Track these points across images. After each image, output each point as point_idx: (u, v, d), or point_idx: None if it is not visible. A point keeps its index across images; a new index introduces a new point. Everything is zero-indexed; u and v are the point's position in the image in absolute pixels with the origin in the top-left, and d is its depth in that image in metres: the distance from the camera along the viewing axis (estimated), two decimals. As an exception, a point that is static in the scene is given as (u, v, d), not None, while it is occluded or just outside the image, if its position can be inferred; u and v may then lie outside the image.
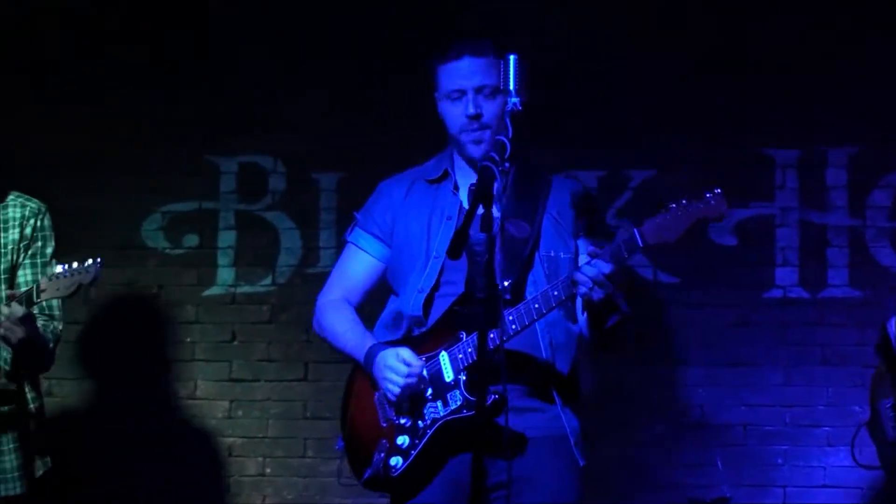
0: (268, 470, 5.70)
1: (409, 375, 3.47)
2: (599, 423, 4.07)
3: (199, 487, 5.69)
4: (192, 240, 5.84)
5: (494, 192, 3.05)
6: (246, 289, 5.81)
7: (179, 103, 5.84)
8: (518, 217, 3.58)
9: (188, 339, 5.80)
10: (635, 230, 3.31)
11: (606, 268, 3.29)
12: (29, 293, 3.79)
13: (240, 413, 5.75)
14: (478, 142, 3.52)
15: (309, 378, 5.72)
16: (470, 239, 3.05)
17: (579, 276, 3.32)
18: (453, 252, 3.04)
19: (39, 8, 5.82)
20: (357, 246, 3.80)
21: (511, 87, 3.26)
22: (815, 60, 5.50)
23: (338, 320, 3.75)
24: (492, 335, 3.30)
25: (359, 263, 3.80)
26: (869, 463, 4.88)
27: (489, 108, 3.55)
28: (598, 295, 3.32)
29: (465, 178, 3.52)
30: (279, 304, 5.76)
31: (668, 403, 5.54)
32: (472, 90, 3.55)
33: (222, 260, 5.83)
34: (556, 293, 3.39)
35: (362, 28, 5.74)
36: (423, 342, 3.54)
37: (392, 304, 3.73)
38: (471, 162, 3.54)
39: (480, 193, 3.00)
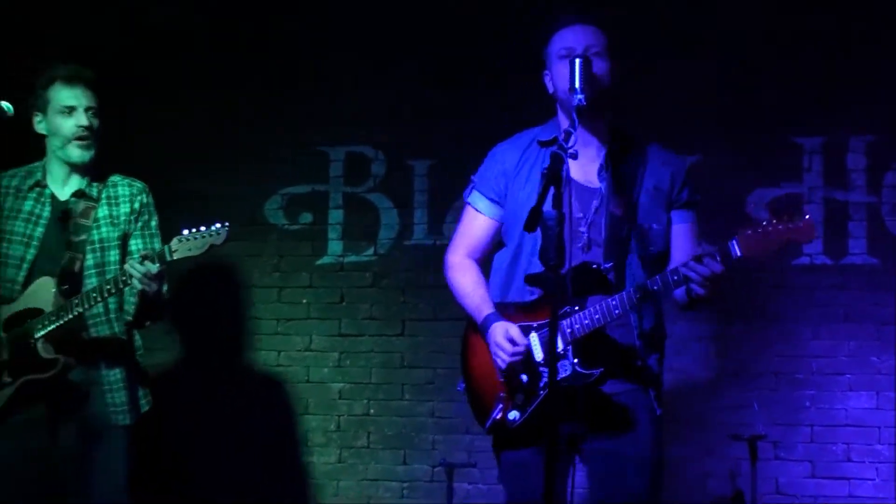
0: (371, 411, 6.05)
1: (514, 354, 3.50)
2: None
3: (314, 424, 6.08)
4: (306, 217, 6.18)
5: (563, 175, 3.08)
6: (352, 258, 6.12)
7: (298, 101, 6.16)
8: (620, 193, 3.57)
9: (304, 301, 6.16)
10: (730, 242, 3.29)
11: (718, 268, 3.28)
12: (162, 253, 3.96)
13: (348, 363, 6.10)
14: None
15: (406, 333, 6.06)
16: (543, 214, 3.03)
17: (693, 275, 3.31)
18: (529, 226, 3.05)
19: (179, 14, 6.13)
20: (474, 208, 3.81)
21: (577, 86, 3.36)
22: (838, 61, 5.66)
23: (463, 280, 3.82)
24: (597, 317, 3.43)
25: (477, 224, 3.82)
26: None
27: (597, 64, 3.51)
28: (707, 290, 3.33)
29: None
30: (380, 272, 6.10)
31: (712, 354, 5.69)
32: (582, 49, 3.55)
33: (332, 234, 6.15)
34: (656, 287, 3.38)
35: (448, 36, 6.01)
36: (537, 309, 3.55)
37: (503, 258, 3.76)
38: (578, 111, 3.35)
39: (551, 175, 3.05)
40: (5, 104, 3.79)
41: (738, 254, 3.26)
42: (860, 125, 5.68)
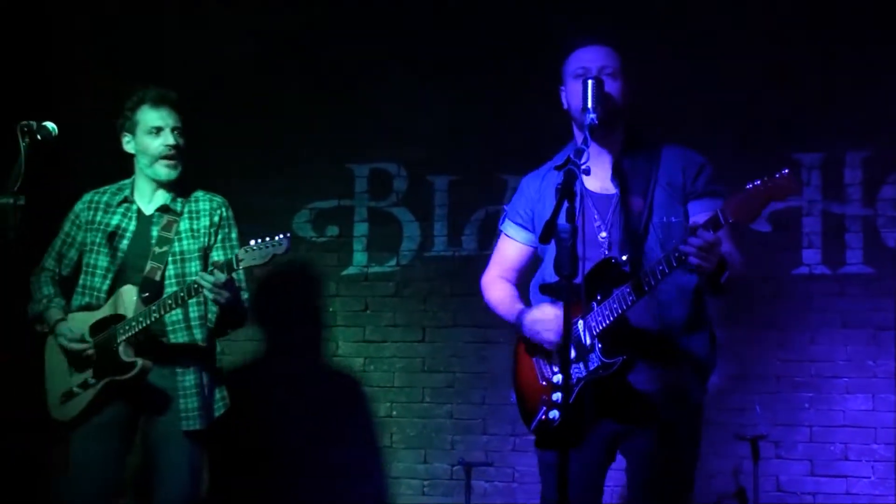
0: (394, 412, 6.14)
1: (556, 318, 3.54)
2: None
3: (339, 426, 6.14)
4: (333, 230, 6.28)
5: (576, 190, 3.14)
6: (376, 269, 6.22)
7: (324, 121, 6.28)
8: (633, 193, 3.62)
9: (331, 309, 6.26)
10: (718, 210, 3.25)
11: (709, 237, 3.24)
12: (229, 262, 4.06)
13: (371, 367, 6.19)
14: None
15: (426, 340, 6.16)
16: (557, 227, 3.05)
17: (688, 248, 3.28)
18: (543, 238, 3.11)
19: (222, 51, 6.26)
20: (506, 234, 3.97)
21: (589, 106, 3.45)
22: (837, 81, 5.72)
23: (495, 293, 3.95)
24: (615, 306, 3.46)
25: (509, 248, 3.97)
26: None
27: (610, 84, 3.59)
28: (708, 261, 3.29)
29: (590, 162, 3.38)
30: (402, 281, 6.19)
31: (717, 359, 5.53)
32: (596, 69, 3.62)
33: (357, 246, 6.24)
34: (661, 267, 3.37)
35: (467, 58, 6.09)
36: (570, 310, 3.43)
37: (539, 273, 3.86)
38: (591, 130, 3.42)
39: (565, 191, 3.12)
40: (51, 125, 3.84)
41: (725, 220, 3.25)
42: (857, 141, 5.74)
